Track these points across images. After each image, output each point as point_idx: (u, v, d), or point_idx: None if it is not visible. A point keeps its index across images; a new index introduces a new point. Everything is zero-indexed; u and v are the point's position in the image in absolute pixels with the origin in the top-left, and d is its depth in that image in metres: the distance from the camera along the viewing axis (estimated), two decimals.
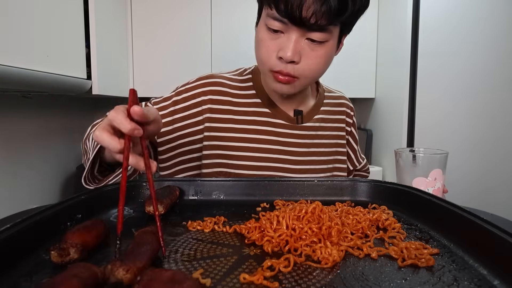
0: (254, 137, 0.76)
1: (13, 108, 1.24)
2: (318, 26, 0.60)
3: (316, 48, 0.64)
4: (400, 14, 1.60)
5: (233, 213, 0.55)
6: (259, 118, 0.77)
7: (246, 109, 0.77)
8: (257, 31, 0.68)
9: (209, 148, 0.75)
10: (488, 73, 1.53)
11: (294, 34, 0.62)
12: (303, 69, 0.65)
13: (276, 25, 0.62)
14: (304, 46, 0.64)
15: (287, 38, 0.63)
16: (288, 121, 0.78)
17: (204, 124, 0.76)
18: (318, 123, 0.82)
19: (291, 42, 0.62)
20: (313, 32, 0.62)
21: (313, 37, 0.63)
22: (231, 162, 0.75)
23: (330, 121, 0.84)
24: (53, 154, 1.51)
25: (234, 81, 0.79)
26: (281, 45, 0.64)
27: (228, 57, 1.69)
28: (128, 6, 1.68)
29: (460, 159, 1.55)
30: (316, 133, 0.81)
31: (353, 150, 0.90)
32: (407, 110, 1.59)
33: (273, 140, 0.77)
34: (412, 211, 0.54)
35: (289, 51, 0.62)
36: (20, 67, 0.81)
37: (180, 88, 0.79)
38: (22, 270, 0.36)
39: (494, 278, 0.35)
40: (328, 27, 0.61)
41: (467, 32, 1.52)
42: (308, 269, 0.38)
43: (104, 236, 0.42)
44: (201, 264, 0.38)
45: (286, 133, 0.78)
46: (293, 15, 0.59)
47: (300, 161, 0.78)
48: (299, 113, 0.79)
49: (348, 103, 0.89)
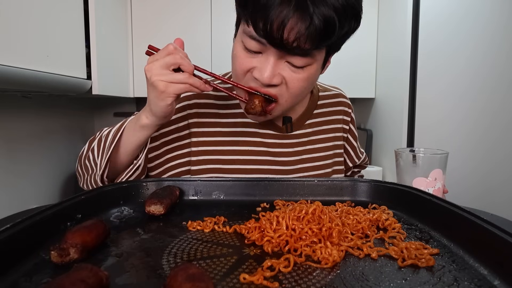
0: (244, 149, 0.74)
1: (13, 108, 1.24)
2: (300, 50, 0.54)
3: (298, 71, 0.58)
4: (400, 14, 1.60)
5: (233, 213, 0.55)
6: (247, 129, 0.75)
7: (234, 120, 0.75)
8: (234, 45, 0.63)
9: (198, 163, 0.73)
10: (488, 73, 1.53)
11: (272, 56, 0.56)
12: (282, 92, 0.60)
13: (253, 46, 0.57)
14: (285, 68, 0.58)
15: (264, 59, 0.57)
16: (277, 131, 0.76)
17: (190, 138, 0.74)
18: (311, 128, 0.79)
19: (268, 64, 0.56)
20: (294, 56, 0.56)
21: (294, 62, 0.57)
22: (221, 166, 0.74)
23: (326, 123, 0.82)
24: (53, 154, 1.51)
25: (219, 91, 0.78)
26: (258, 65, 0.58)
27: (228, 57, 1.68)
28: (128, 6, 1.68)
29: (460, 159, 1.55)
30: (309, 138, 0.79)
31: (352, 147, 0.89)
32: (407, 110, 1.59)
33: (263, 151, 0.74)
34: (412, 211, 0.54)
35: (266, 73, 0.56)
36: (20, 67, 0.81)
37: None
38: (22, 270, 0.36)
39: (494, 278, 0.35)
40: (311, 52, 0.55)
41: (467, 32, 1.52)
42: (308, 269, 0.37)
43: (104, 236, 0.42)
44: (201, 264, 0.38)
45: (275, 143, 0.75)
46: (272, 36, 0.52)
47: (292, 170, 0.76)
48: (288, 120, 0.76)
49: (345, 100, 0.87)
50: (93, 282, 0.30)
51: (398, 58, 1.62)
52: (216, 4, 1.70)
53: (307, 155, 0.78)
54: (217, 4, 1.70)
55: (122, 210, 0.55)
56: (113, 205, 0.55)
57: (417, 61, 1.55)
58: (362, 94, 1.83)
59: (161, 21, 1.70)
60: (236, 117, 0.75)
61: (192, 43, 1.71)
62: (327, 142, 0.82)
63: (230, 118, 0.75)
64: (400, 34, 1.60)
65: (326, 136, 0.82)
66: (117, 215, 0.53)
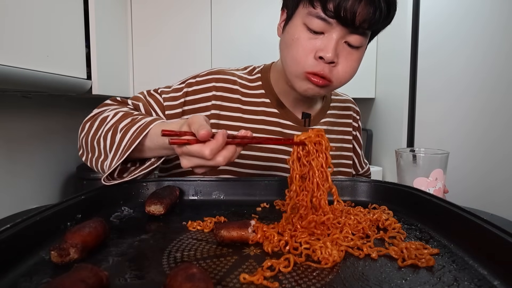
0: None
1: (13, 108, 1.24)
2: (363, 29, 0.61)
3: (353, 52, 0.64)
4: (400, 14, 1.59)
5: (233, 213, 0.55)
6: (268, 118, 0.76)
7: (255, 109, 0.76)
8: (289, 31, 0.66)
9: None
10: (488, 72, 1.53)
11: (335, 34, 0.61)
12: (338, 72, 0.65)
13: (319, 25, 0.61)
14: (342, 49, 0.64)
15: (327, 39, 0.62)
16: (296, 123, 0.78)
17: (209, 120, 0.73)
18: (326, 126, 0.82)
19: (332, 42, 0.61)
20: (354, 35, 0.62)
21: (352, 41, 0.63)
22: (238, 161, 0.74)
23: (337, 124, 0.84)
24: (53, 154, 1.51)
25: (243, 79, 0.78)
26: (320, 45, 0.62)
27: (228, 57, 1.69)
28: (128, 6, 1.68)
29: (460, 159, 1.55)
30: None
31: (357, 155, 0.90)
32: (407, 110, 1.59)
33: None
34: (412, 211, 0.54)
35: (330, 51, 0.61)
36: (20, 67, 0.81)
37: (190, 80, 0.76)
38: (22, 270, 0.36)
39: (494, 278, 0.35)
40: (367, 32, 0.63)
41: (467, 32, 1.52)
42: (308, 269, 0.38)
43: (104, 236, 0.42)
44: (201, 264, 0.38)
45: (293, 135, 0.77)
46: (345, 17, 0.58)
47: None
48: (307, 116, 0.79)
49: (354, 107, 0.90)
50: (93, 282, 0.30)
51: (398, 58, 1.62)
52: (216, 4, 1.70)
53: None
54: (217, 4, 1.70)
55: (122, 210, 0.55)
56: (113, 205, 0.56)
57: (417, 61, 1.55)
58: (362, 94, 1.83)
59: (161, 21, 1.70)
60: (257, 106, 0.77)
61: (192, 43, 1.71)
62: (338, 143, 0.84)
63: (252, 106, 0.76)
64: (400, 34, 1.60)
65: (337, 137, 0.84)
66: (117, 215, 0.53)
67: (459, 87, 1.55)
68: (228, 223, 0.46)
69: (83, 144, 0.65)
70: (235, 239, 0.43)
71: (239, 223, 0.44)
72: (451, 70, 1.54)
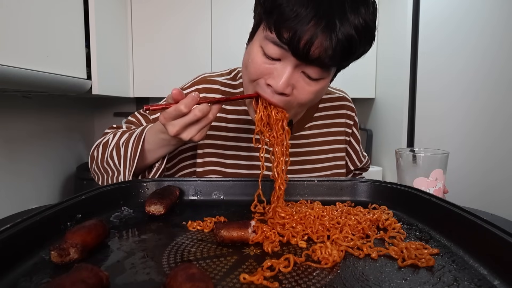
0: (246, 146, 0.75)
1: (13, 108, 1.24)
2: (321, 63, 0.54)
3: (311, 83, 0.58)
4: (400, 14, 1.60)
5: (233, 213, 0.55)
6: (250, 127, 0.76)
7: (237, 117, 0.76)
8: (250, 50, 0.61)
9: (203, 155, 0.75)
10: (488, 72, 1.53)
11: (290, 64, 0.55)
12: (290, 101, 0.59)
13: (275, 51, 0.55)
14: (299, 79, 0.58)
15: (282, 67, 0.56)
16: None
17: None
18: (312, 130, 0.80)
19: (285, 72, 0.56)
20: (312, 67, 0.56)
21: (310, 74, 0.57)
22: (223, 170, 0.75)
23: (327, 126, 0.82)
24: (53, 154, 1.51)
25: (226, 86, 0.78)
26: (273, 72, 0.57)
27: (228, 57, 1.69)
28: (128, 6, 1.68)
29: (460, 159, 1.55)
30: (309, 141, 0.80)
31: (354, 150, 0.89)
32: (407, 110, 1.59)
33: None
34: (412, 211, 0.54)
35: (282, 81, 0.55)
36: (20, 67, 0.81)
37: None
38: (22, 270, 0.36)
39: (494, 278, 0.35)
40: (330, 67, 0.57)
41: (467, 32, 1.52)
42: (308, 269, 0.38)
43: (104, 236, 0.42)
44: (201, 264, 0.38)
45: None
46: (298, 48, 0.52)
47: (291, 170, 0.77)
48: (289, 123, 0.76)
49: (348, 104, 0.86)
50: (93, 282, 0.30)
51: (398, 58, 1.62)
52: (216, 5, 1.70)
53: (306, 157, 0.79)
54: (217, 5, 1.70)
55: (122, 210, 0.55)
56: (113, 205, 0.56)
57: (417, 61, 1.55)
58: (362, 94, 1.83)
59: (161, 21, 1.70)
60: (239, 114, 0.77)
61: (192, 44, 1.71)
62: (328, 145, 0.82)
63: (234, 115, 0.76)
64: (400, 34, 1.60)
65: (327, 139, 0.82)
66: (117, 215, 0.53)
67: (459, 87, 1.55)
68: (228, 223, 0.46)
69: (96, 171, 0.73)
70: (235, 239, 0.43)
71: (239, 223, 0.44)
72: (451, 70, 1.54)
